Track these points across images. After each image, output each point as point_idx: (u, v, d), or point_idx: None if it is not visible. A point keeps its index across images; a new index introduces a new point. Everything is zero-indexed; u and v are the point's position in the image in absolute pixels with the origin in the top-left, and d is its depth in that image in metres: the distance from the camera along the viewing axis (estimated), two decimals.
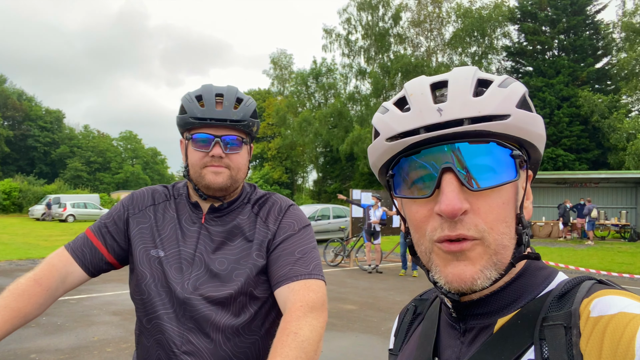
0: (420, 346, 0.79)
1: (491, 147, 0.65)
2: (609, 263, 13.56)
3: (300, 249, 1.40)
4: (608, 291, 0.61)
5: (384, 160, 0.73)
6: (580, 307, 0.61)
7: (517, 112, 0.65)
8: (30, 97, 67.08)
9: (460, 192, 0.63)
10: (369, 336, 6.35)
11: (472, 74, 0.68)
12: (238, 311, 1.38)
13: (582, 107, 31.35)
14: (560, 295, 0.65)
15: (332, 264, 13.57)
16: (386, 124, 0.70)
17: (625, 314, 0.56)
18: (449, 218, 0.63)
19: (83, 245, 1.46)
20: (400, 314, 0.95)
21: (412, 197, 0.69)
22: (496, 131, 0.64)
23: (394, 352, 0.90)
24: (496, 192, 0.65)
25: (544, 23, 35.58)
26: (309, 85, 45.27)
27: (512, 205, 0.67)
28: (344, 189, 38.91)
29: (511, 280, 0.70)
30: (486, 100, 0.65)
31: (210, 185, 1.40)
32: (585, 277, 0.67)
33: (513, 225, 0.67)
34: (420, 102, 0.67)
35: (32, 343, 5.79)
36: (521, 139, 0.67)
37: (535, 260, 0.72)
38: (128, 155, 76.56)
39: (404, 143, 0.68)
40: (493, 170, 0.65)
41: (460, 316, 0.72)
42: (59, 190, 45.45)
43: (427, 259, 0.70)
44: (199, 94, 1.43)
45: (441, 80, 0.70)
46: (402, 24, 40.25)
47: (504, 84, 0.67)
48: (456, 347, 0.72)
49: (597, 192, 23.66)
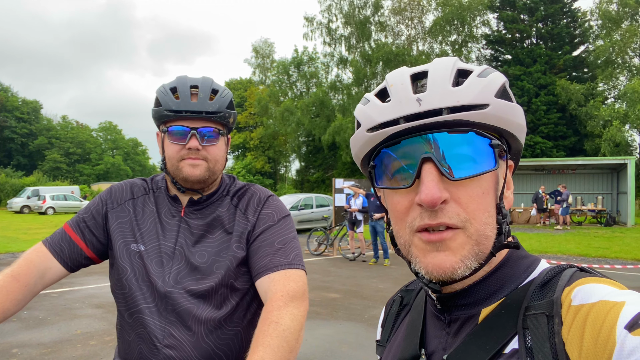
0: (407, 337, 0.80)
1: (470, 137, 0.65)
2: (585, 247, 13.84)
3: (280, 239, 1.40)
4: (589, 279, 0.62)
5: (366, 151, 0.73)
6: (562, 295, 0.62)
7: (496, 102, 0.65)
8: (6, 88, 65.31)
9: (439, 182, 0.64)
10: (352, 324, 6.43)
11: (452, 65, 0.69)
12: (219, 303, 1.38)
13: (559, 96, 31.79)
14: (543, 284, 0.66)
15: (316, 253, 13.63)
16: (367, 114, 0.70)
17: (606, 302, 0.57)
18: (428, 207, 0.63)
19: (61, 240, 1.45)
20: (387, 305, 0.96)
21: (393, 187, 0.69)
22: (475, 121, 0.65)
23: (381, 343, 0.91)
24: (476, 181, 0.65)
25: (522, 11, 35.94)
26: (290, 74, 45.03)
27: (492, 194, 0.67)
28: (326, 179, 39.00)
29: (493, 270, 0.70)
30: (465, 90, 0.65)
31: (188, 178, 1.40)
32: (567, 265, 0.68)
33: (494, 215, 0.67)
34: (400, 92, 0.68)
35: (14, 337, 5.74)
36: (500, 129, 0.67)
37: (517, 249, 0.72)
38: (108, 146, 75.30)
39: (384, 134, 0.68)
40: (472, 159, 0.65)
41: (445, 307, 0.73)
42: (38, 183, 44.62)
43: (406, 251, 0.70)
44: (173, 85, 1.42)
45: (422, 71, 0.70)
46: (383, 12, 40.20)
47: (483, 74, 0.67)
48: (442, 338, 0.73)
49: (575, 179, 24.13)
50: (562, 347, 0.57)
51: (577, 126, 32.73)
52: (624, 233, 17.78)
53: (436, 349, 0.73)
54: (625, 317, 0.54)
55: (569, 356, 0.56)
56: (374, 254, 11.98)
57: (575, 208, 21.97)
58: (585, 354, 0.55)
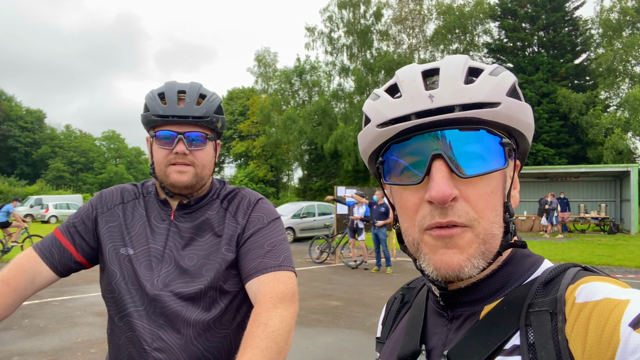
0: (407, 333, 0.80)
1: (481, 135, 0.65)
2: (589, 255, 13.79)
3: (270, 242, 1.41)
4: (593, 277, 0.63)
5: (374, 147, 0.72)
6: (565, 293, 0.62)
7: (507, 100, 0.65)
8: (10, 97, 65.80)
9: (450, 179, 0.63)
10: (354, 332, 6.40)
11: (463, 62, 0.69)
12: (208, 306, 1.38)
13: (561, 104, 31.80)
14: (546, 282, 0.66)
15: (318, 261, 13.60)
16: (377, 110, 0.70)
17: (610, 300, 0.57)
18: (439, 204, 0.63)
19: (51, 245, 1.45)
20: (388, 302, 0.96)
21: (401, 183, 0.69)
22: (486, 119, 0.65)
23: (381, 340, 0.90)
24: (485, 179, 0.65)
25: (523, 20, 36.00)
26: (292, 83, 45.16)
27: (501, 193, 0.68)
28: (329, 187, 38.99)
29: (498, 267, 0.70)
30: (477, 87, 0.65)
31: (175, 184, 1.41)
32: (570, 264, 0.68)
33: (502, 214, 0.67)
34: (411, 88, 0.67)
35: (15, 345, 5.73)
36: (510, 128, 0.67)
37: (521, 248, 0.72)
38: (111, 155, 75.60)
39: (394, 129, 0.67)
40: (482, 157, 0.65)
41: (448, 304, 0.73)
42: (41, 191, 44.75)
43: (414, 249, 0.70)
44: (161, 91, 1.43)
45: (433, 68, 0.70)
46: (384, 21, 40.41)
47: (494, 72, 0.68)
48: (443, 334, 0.73)
49: (578, 186, 24.08)
50: (566, 344, 0.57)
51: (579, 134, 32.66)
52: (628, 241, 17.70)
53: (437, 344, 0.73)
54: (629, 314, 0.54)
55: (573, 353, 0.56)
56: (377, 261, 11.95)
57: (578, 216, 21.90)
58: (588, 351, 0.55)
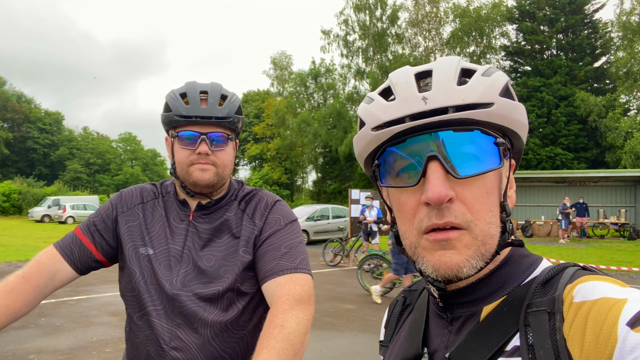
0: (409, 336, 0.80)
1: (475, 136, 0.65)
2: (608, 261, 13.54)
3: (287, 244, 1.41)
4: (591, 277, 0.62)
5: (370, 150, 0.73)
6: (563, 292, 0.62)
7: (500, 101, 0.66)
8: (29, 99, 66.92)
9: (445, 180, 0.64)
10: (367, 335, 6.36)
11: (455, 63, 0.69)
12: (226, 307, 1.39)
13: (579, 107, 31.34)
14: (544, 282, 0.66)
15: (332, 264, 13.58)
16: (371, 113, 0.70)
17: (607, 299, 0.57)
18: (435, 205, 0.64)
19: (72, 243, 1.47)
20: (390, 305, 0.96)
21: (398, 186, 0.69)
22: (480, 119, 0.65)
23: (384, 343, 0.90)
24: (480, 180, 0.66)
25: (542, 22, 35.57)
26: (308, 86, 45.22)
27: (497, 193, 0.68)
28: (343, 190, 38.95)
29: (496, 267, 0.70)
30: (470, 88, 0.66)
31: (198, 182, 1.41)
32: (569, 264, 0.68)
33: (498, 214, 0.67)
34: (405, 91, 0.68)
35: (31, 344, 5.80)
36: (504, 127, 0.68)
37: (519, 248, 0.72)
38: (127, 156, 76.48)
39: (389, 132, 0.68)
40: (477, 158, 0.66)
41: (447, 305, 0.73)
42: (59, 192, 45.41)
43: (412, 252, 0.70)
44: (183, 91, 1.43)
45: (425, 70, 0.70)
46: (400, 24, 40.27)
47: (487, 73, 0.68)
48: (444, 336, 0.73)
49: (596, 191, 23.65)
50: (564, 344, 0.57)
51: (597, 138, 32.14)
52: None
53: (438, 347, 0.73)
54: (627, 314, 0.54)
55: (570, 353, 0.56)
56: None
57: (597, 221, 21.51)
58: (586, 350, 0.55)
